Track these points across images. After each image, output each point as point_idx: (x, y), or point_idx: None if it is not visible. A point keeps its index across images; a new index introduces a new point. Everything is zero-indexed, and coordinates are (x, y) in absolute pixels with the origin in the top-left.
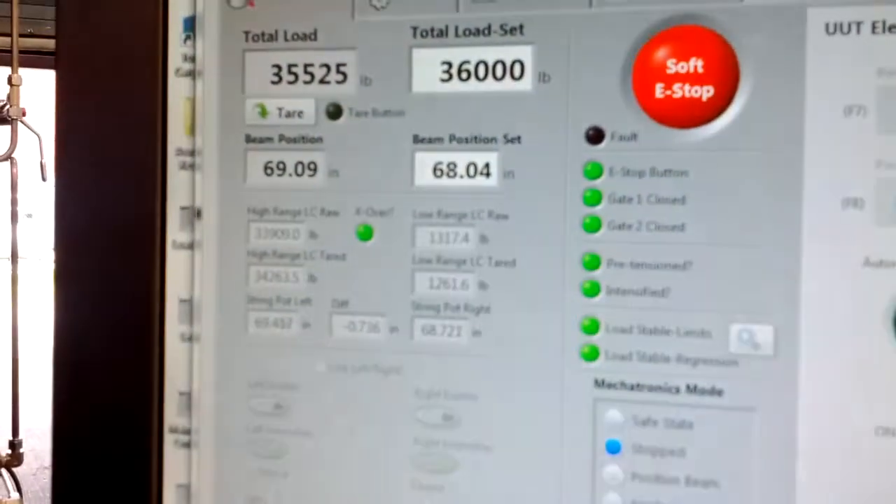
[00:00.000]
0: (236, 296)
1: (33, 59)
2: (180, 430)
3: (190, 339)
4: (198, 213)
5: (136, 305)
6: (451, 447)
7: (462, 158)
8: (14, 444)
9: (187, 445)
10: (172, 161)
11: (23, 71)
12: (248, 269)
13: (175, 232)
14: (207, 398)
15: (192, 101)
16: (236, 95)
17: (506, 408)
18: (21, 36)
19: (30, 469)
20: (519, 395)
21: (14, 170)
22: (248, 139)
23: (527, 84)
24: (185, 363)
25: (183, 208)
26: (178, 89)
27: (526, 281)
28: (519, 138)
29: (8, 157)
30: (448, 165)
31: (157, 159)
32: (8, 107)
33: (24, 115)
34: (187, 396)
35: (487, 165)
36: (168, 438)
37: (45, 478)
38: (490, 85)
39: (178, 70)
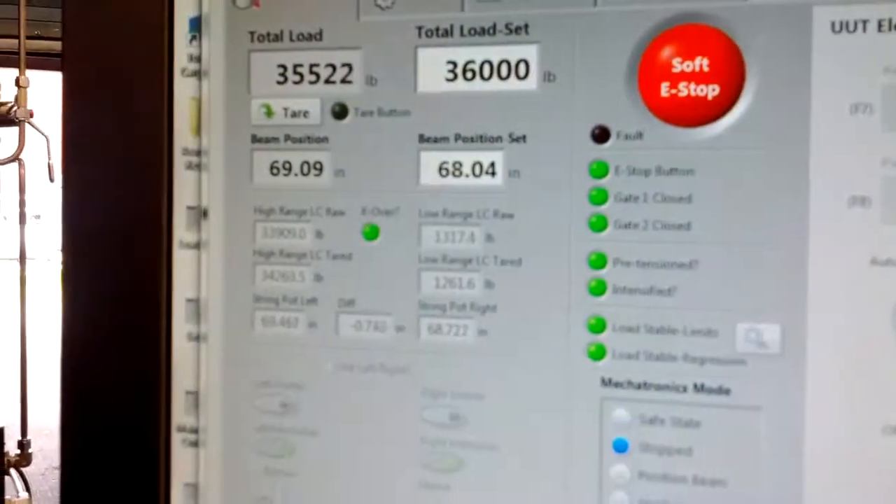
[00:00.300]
0: (243, 295)
1: (40, 60)
2: (187, 429)
3: (197, 338)
4: (204, 213)
5: (142, 305)
6: (458, 446)
7: (467, 158)
8: (23, 444)
9: (195, 444)
10: (179, 161)
11: (30, 73)
12: (254, 268)
13: (181, 231)
14: (214, 397)
15: (198, 101)
16: (242, 95)
17: (512, 407)
18: (28, 38)
19: (38, 469)
20: (525, 394)
21: (22, 171)
22: (254, 139)
23: (532, 83)
24: (191, 362)
25: (189, 208)
26: (183, 89)
27: (532, 280)
28: (524, 137)
29: (16, 158)
30: (453, 165)
31: (163, 159)
32: (15, 108)
33: (31, 116)
34: (194, 396)
35: (493, 165)
36: (175, 437)
37: (54, 478)
38: (495, 84)
39: (183, 70)
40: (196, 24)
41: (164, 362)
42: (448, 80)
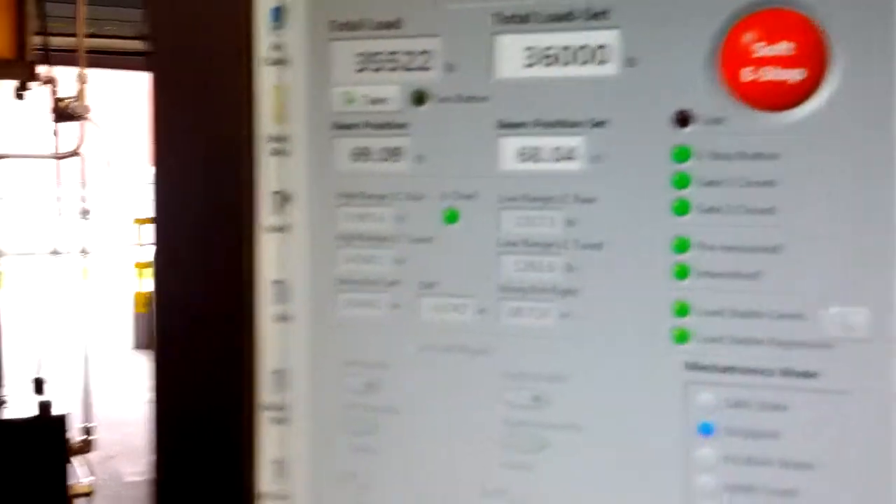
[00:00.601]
0: (326, 277)
1: (95, 58)
2: (274, 406)
3: (283, 319)
4: (288, 198)
5: (230, 288)
6: (541, 427)
7: (547, 143)
8: (88, 430)
9: (281, 422)
10: (263, 148)
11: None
12: (337, 251)
13: (267, 216)
14: (300, 376)
15: (281, 89)
16: (323, 83)
17: (596, 389)
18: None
19: (95, 458)
20: (609, 376)
21: (83, 165)
22: (336, 126)
23: (612, 68)
24: (278, 343)
25: (274, 193)
26: (266, 78)
27: (614, 264)
28: (605, 122)
29: (76, 152)
30: (533, 150)
31: (248, 147)
32: (75, 103)
33: (88, 111)
34: (280, 375)
35: (573, 150)
36: (263, 415)
37: (112, 467)
38: (574, 70)
39: (266, 59)
40: (277, 14)
41: (251, 343)
42: (526, 66)
